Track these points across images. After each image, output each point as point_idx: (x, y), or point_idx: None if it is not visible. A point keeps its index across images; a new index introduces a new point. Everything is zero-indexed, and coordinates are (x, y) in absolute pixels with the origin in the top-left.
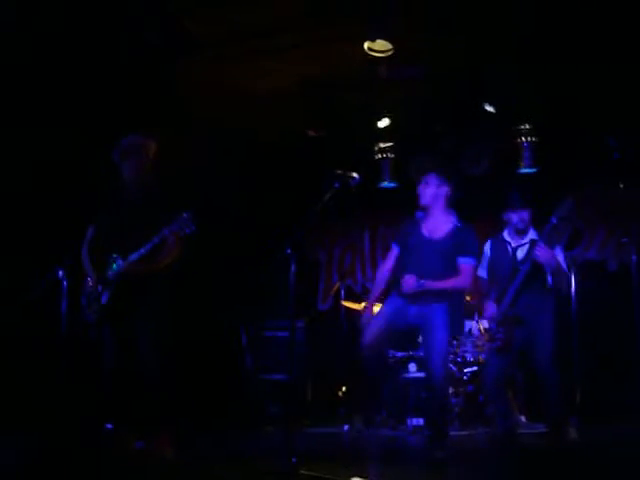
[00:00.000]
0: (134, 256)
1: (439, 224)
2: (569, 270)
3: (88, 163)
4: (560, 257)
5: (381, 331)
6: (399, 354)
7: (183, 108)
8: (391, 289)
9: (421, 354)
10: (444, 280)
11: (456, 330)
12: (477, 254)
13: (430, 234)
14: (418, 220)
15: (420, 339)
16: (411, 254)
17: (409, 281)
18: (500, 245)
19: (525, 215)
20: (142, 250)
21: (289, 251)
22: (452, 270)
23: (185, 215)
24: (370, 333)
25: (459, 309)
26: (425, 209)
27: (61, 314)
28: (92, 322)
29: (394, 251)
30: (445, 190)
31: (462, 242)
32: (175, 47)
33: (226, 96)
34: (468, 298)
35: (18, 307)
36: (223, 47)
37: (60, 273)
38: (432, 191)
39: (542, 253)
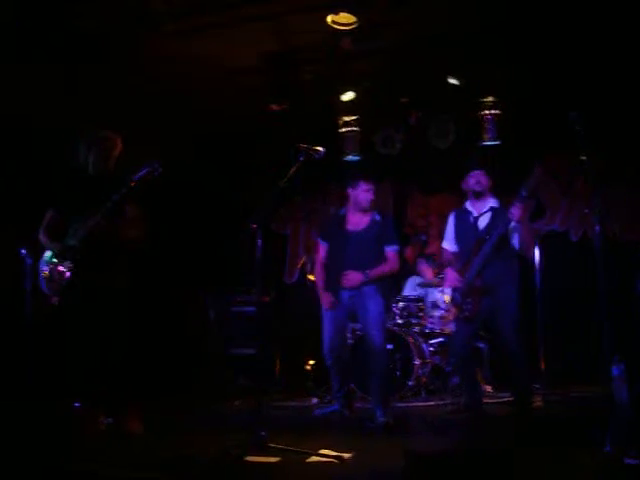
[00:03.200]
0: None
1: (360, 217)
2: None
3: (47, 141)
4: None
5: (334, 334)
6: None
7: (143, 83)
8: (324, 287)
9: (388, 326)
10: (376, 267)
11: (388, 300)
12: (399, 241)
13: (353, 227)
14: (342, 216)
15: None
16: (338, 248)
17: (354, 276)
18: (463, 216)
19: (481, 177)
20: (104, 207)
21: (255, 226)
22: (376, 257)
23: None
24: (327, 339)
25: (386, 283)
26: (364, 211)
27: (25, 292)
28: (54, 298)
29: (322, 246)
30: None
31: (384, 232)
32: (134, 21)
33: (186, 71)
34: (436, 271)
35: None
36: (182, 21)
37: (23, 252)
38: (371, 196)
39: (517, 212)
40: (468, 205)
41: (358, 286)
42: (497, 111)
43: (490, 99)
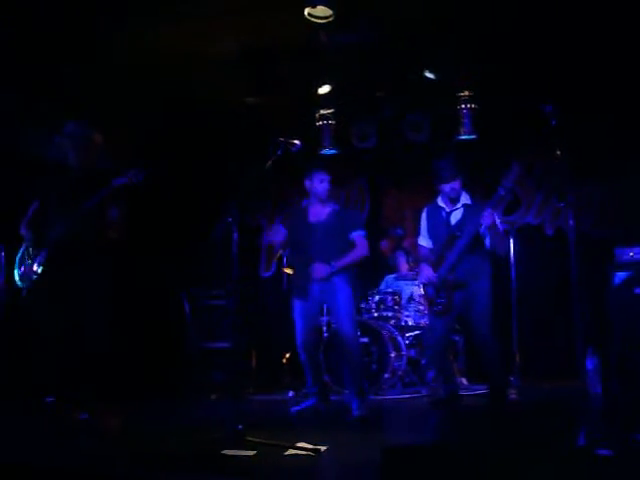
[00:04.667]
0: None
1: (321, 209)
2: (507, 235)
3: (24, 137)
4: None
5: (306, 329)
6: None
7: (120, 75)
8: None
9: (364, 319)
10: (342, 257)
11: (358, 292)
12: (364, 226)
13: (314, 218)
14: (304, 207)
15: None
16: (301, 239)
17: (320, 268)
18: (435, 211)
19: (456, 185)
20: (87, 204)
21: (230, 219)
22: (341, 247)
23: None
24: (300, 335)
25: (354, 273)
26: (323, 201)
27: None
28: (28, 292)
29: (281, 232)
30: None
31: (348, 220)
32: (111, 12)
33: (163, 64)
34: (412, 265)
35: None
36: (161, 13)
37: None
38: (328, 186)
39: (488, 218)
40: (440, 201)
41: (327, 278)
42: (473, 105)
43: (466, 93)
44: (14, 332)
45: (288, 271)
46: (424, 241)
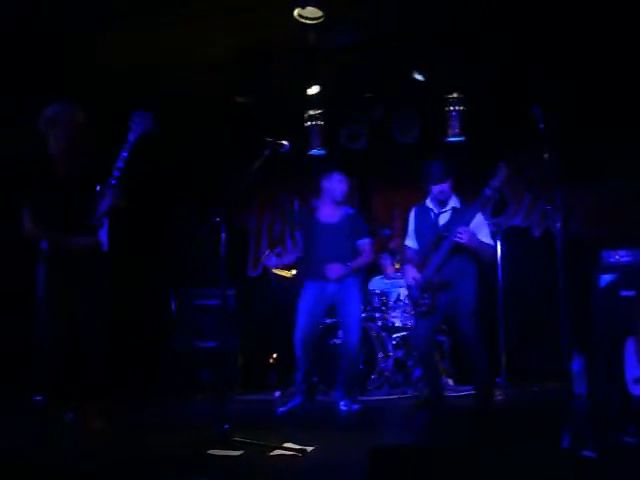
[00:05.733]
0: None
1: (333, 210)
2: (494, 237)
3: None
4: (484, 229)
5: (309, 326)
6: (328, 321)
7: (111, 77)
8: (303, 275)
9: None
10: (354, 259)
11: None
12: (369, 233)
13: (326, 219)
14: (315, 208)
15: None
16: (312, 238)
17: (335, 268)
18: (423, 213)
19: (445, 187)
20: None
21: (219, 219)
22: (351, 250)
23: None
24: (301, 329)
25: (363, 279)
26: (338, 203)
27: None
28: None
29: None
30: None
31: (357, 227)
32: (104, 14)
33: (153, 64)
34: (397, 266)
35: None
36: (149, 14)
37: None
38: (345, 187)
39: (464, 237)
40: (428, 202)
41: (342, 280)
42: (461, 107)
43: (455, 95)
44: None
45: (277, 272)
46: (410, 242)
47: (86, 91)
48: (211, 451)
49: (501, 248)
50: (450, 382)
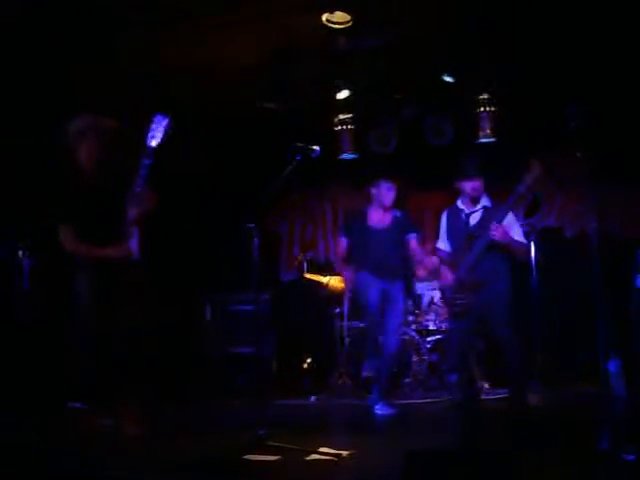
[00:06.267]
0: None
1: (383, 215)
2: (528, 237)
3: (38, 145)
4: (516, 228)
5: (378, 316)
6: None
7: (139, 83)
8: (360, 270)
9: None
10: (401, 263)
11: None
12: (417, 230)
13: (376, 224)
14: (364, 213)
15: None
16: (365, 243)
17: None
18: (454, 214)
19: (477, 184)
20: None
21: (251, 224)
22: (400, 251)
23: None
24: (374, 319)
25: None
26: (386, 208)
27: (22, 293)
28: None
29: (343, 242)
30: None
31: (406, 226)
32: (131, 20)
33: (183, 70)
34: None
35: None
36: (179, 20)
37: (20, 252)
38: (392, 195)
39: (497, 233)
40: (460, 203)
41: (392, 277)
42: (492, 108)
43: (485, 96)
44: (39, 336)
45: (310, 277)
46: (442, 244)
47: (117, 99)
48: (247, 456)
49: (535, 249)
50: (485, 385)
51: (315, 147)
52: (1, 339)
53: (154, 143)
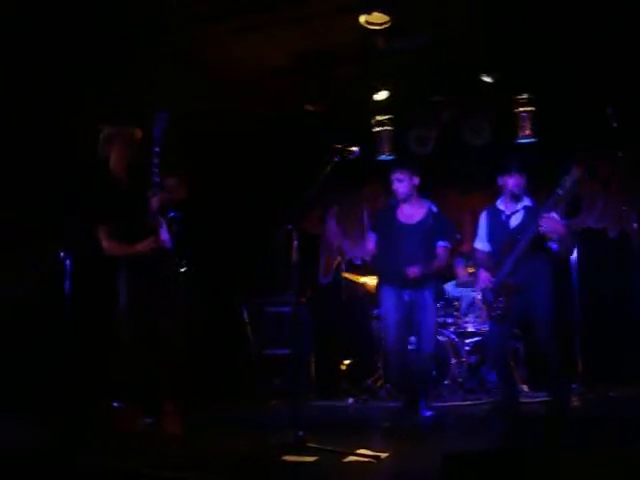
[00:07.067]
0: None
1: (415, 209)
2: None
3: (78, 147)
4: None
5: (398, 335)
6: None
7: (176, 90)
8: (381, 280)
9: None
10: (430, 261)
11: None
12: (452, 236)
13: (406, 219)
14: (393, 207)
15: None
16: (391, 240)
17: (414, 270)
18: (494, 214)
19: (520, 180)
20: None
21: (290, 226)
22: (429, 251)
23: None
24: (391, 341)
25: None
26: (404, 201)
27: (64, 294)
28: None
29: (372, 238)
30: (416, 180)
31: (440, 226)
32: (168, 25)
33: (223, 73)
34: (470, 270)
35: (22, 289)
36: (218, 23)
37: (62, 254)
38: (407, 185)
39: (548, 224)
40: (500, 203)
41: (419, 284)
42: (532, 108)
43: (525, 96)
44: (80, 337)
45: (348, 277)
46: (481, 244)
47: (149, 102)
48: (286, 457)
49: (577, 250)
50: (525, 388)
51: (354, 148)
52: (46, 340)
53: (158, 134)
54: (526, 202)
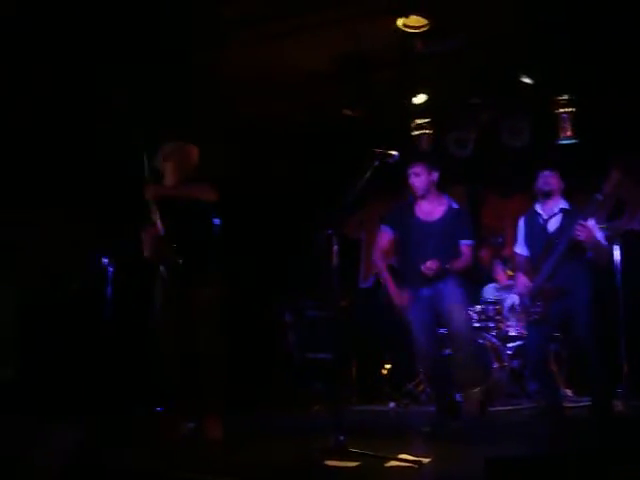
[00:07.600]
0: None
1: (434, 206)
2: (611, 242)
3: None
4: (598, 231)
5: (428, 339)
6: (440, 331)
7: (215, 94)
8: (401, 281)
9: None
10: (450, 260)
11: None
12: (473, 235)
13: (426, 217)
14: (411, 203)
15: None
16: (409, 238)
17: (432, 266)
18: (532, 218)
19: (550, 178)
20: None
21: (331, 231)
22: (450, 249)
23: None
24: (420, 345)
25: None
26: (422, 197)
27: (106, 300)
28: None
29: (385, 233)
30: (435, 175)
31: (461, 225)
32: (207, 32)
33: (259, 78)
34: (511, 274)
35: (65, 294)
36: (255, 29)
37: (105, 260)
38: (424, 180)
39: (582, 233)
40: (537, 207)
41: (438, 284)
42: (572, 109)
43: (565, 97)
44: (121, 342)
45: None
46: (520, 249)
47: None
48: (328, 462)
49: (620, 252)
50: (569, 393)
51: (393, 152)
52: (89, 346)
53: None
54: (563, 204)
